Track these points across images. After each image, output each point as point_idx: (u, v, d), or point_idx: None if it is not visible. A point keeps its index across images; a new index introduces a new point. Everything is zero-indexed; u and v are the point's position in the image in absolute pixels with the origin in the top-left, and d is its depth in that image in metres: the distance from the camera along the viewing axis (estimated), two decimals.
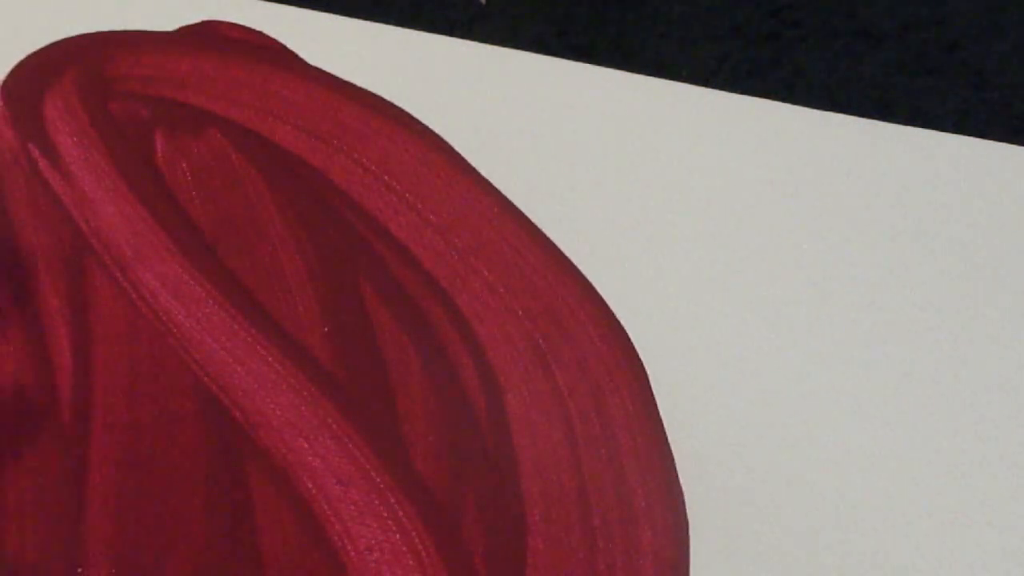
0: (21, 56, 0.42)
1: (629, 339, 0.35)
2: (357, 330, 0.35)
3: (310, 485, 0.31)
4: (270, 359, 0.34)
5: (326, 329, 0.35)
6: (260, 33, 0.43)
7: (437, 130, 0.40)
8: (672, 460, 0.32)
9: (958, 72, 0.43)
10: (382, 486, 0.31)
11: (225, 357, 0.34)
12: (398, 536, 0.30)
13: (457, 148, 0.40)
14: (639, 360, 0.34)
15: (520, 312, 0.35)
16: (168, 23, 0.44)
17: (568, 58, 0.43)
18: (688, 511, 0.31)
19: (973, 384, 0.34)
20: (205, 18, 0.44)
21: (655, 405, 0.33)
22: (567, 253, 0.37)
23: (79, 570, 0.29)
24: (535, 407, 0.33)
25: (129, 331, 0.35)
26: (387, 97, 0.41)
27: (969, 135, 0.40)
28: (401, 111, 0.41)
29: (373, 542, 0.30)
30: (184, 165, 0.39)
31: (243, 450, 0.32)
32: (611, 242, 0.37)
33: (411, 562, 0.30)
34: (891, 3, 0.46)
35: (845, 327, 0.35)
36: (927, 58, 0.44)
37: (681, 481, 0.31)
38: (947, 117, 0.42)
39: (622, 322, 0.35)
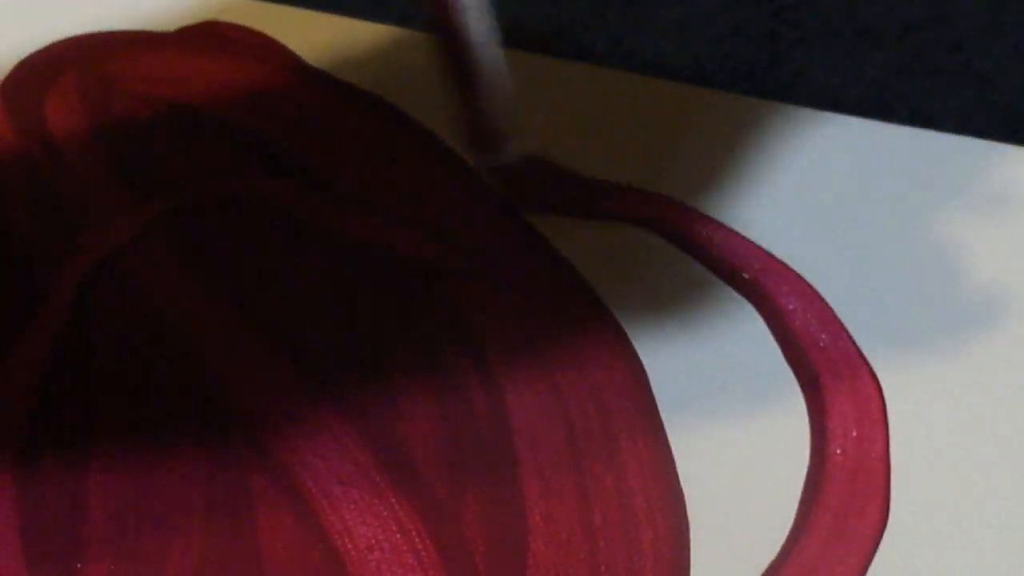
0: (21, 56, 0.42)
1: (629, 339, 0.35)
2: (357, 330, 0.35)
3: (310, 485, 0.31)
4: (270, 359, 0.34)
5: (325, 329, 0.35)
6: (260, 33, 0.43)
7: (437, 131, 0.40)
8: (672, 460, 0.32)
9: (959, 73, 0.43)
10: (382, 486, 0.31)
11: (225, 357, 0.34)
12: (398, 536, 0.30)
13: (456, 148, 0.40)
14: (639, 360, 0.34)
15: (520, 313, 0.35)
16: (168, 23, 0.44)
17: (568, 58, 0.43)
18: (688, 511, 0.31)
19: (973, 384, 0.34)
20: (205, 18, 0.44)
21: (655, 405, 0.33)
22: (566, 253, 0.37)
23: (79, 566, 0.29)
24: (535, 407, 0.33)
25: (129, 331, 0.35)
26: (387, 97, 0.41)
27: (969, 135, 0.40)
28: (401, 112, 0.41)
29: (373, 542, 0.30)
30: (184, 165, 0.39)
31: (243, 450, 0.32)
32: (610, 242, 0.37)
33: (411, 562, 0.30)
34: (892, 3, 0.45)
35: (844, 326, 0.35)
36: (928, 59, 0.44)
37: (681, 481, 0.31)
38: (947, 117, 0.42)
39: (622, 323, 0.35)
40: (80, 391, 0.33)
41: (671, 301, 0.36)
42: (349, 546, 0.30)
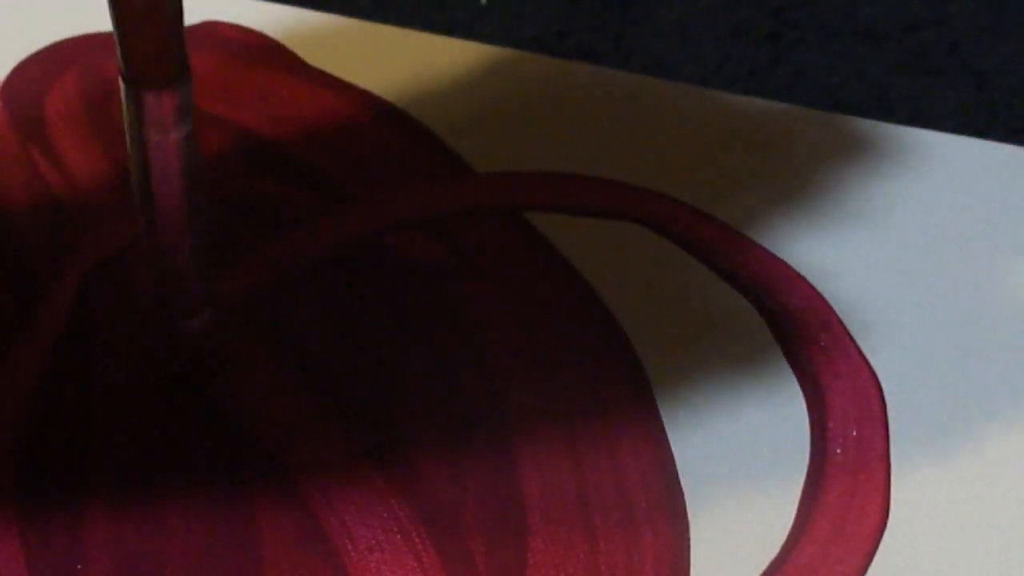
0: (21, 56, 0.43)
1: (629, 340, 0.35)
2: (357, 330, 0.35)
3: (310, 486, 0.31)
4: (270, 358, 0.34)
5: (326, 329, 0.35)
6: (260, 33, 0.43)
7: (436, 130, 0.40)
8: (672, 460, 0.32)
9: (959, 72, 0.43)
10: (382, 486, 0.31)
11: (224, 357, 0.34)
12: (398, 536, 0.30)
13: (456, 148, 0.40)
14: (638, 359, 0.34)
15: (520, 312, 0.35)
16: None
17: (568, 58, 0.43)
18: (688, 511, 0.31)
19: (973, 385, 0.34)
20: (205, 18, 0.44)
21: (655, 406, 0.33)
22: (566, 254, 0.37)
23: (79, 567, 0.29)
24: (535, 407, 0.33)
25: (129, 333, 0.35)
26: (387, 97, 0.41)
27: (969, 135, 0.40)
28: (401, 112, 0.41)
29: (373, 542, 0.30)
30: None
31: (243, 450, 0.32)
32: (610, 242, 0.37)
33: (411, 562, 0.30)
34: (891, 3, 0.46)
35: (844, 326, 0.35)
36: (928, 58, 0.44)
37: (681, 481, 0.31)
38: (947, 117, 0.42)
39: (622, 322, 0.35)
40: (80, 392, 0.33)
41: (671, 301, 0.36)
42: (349, 546, 0.30)
